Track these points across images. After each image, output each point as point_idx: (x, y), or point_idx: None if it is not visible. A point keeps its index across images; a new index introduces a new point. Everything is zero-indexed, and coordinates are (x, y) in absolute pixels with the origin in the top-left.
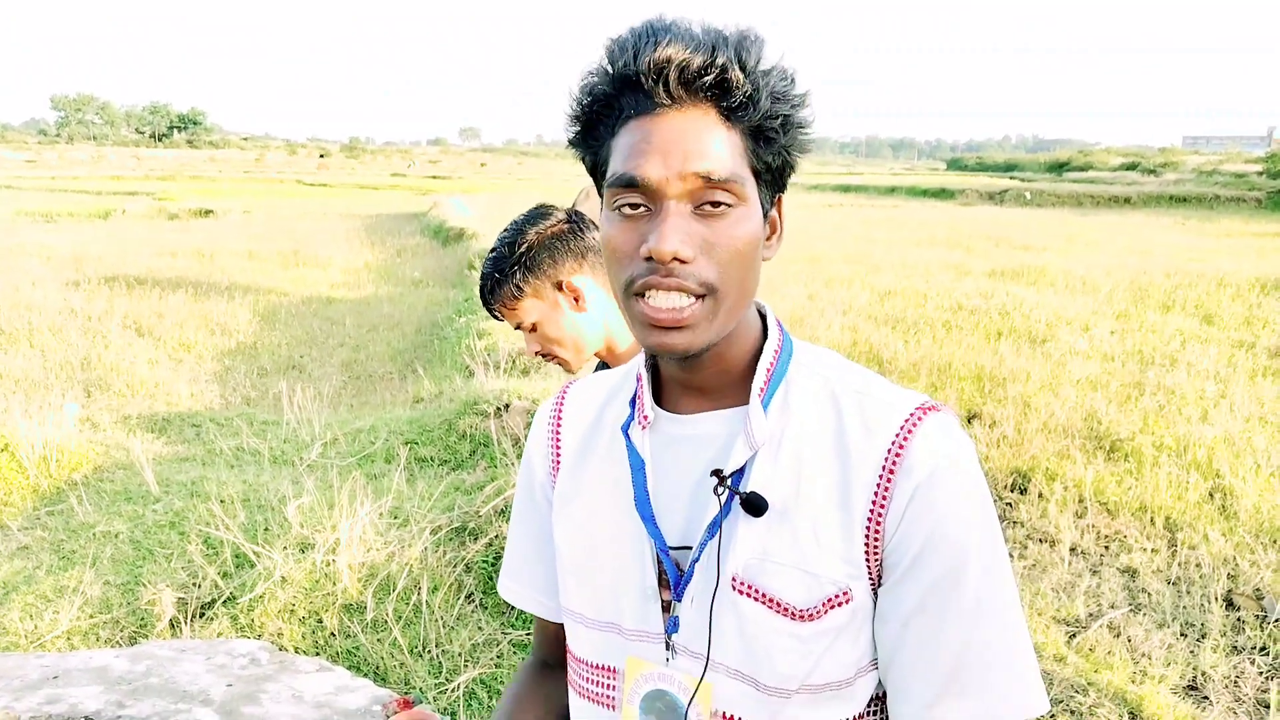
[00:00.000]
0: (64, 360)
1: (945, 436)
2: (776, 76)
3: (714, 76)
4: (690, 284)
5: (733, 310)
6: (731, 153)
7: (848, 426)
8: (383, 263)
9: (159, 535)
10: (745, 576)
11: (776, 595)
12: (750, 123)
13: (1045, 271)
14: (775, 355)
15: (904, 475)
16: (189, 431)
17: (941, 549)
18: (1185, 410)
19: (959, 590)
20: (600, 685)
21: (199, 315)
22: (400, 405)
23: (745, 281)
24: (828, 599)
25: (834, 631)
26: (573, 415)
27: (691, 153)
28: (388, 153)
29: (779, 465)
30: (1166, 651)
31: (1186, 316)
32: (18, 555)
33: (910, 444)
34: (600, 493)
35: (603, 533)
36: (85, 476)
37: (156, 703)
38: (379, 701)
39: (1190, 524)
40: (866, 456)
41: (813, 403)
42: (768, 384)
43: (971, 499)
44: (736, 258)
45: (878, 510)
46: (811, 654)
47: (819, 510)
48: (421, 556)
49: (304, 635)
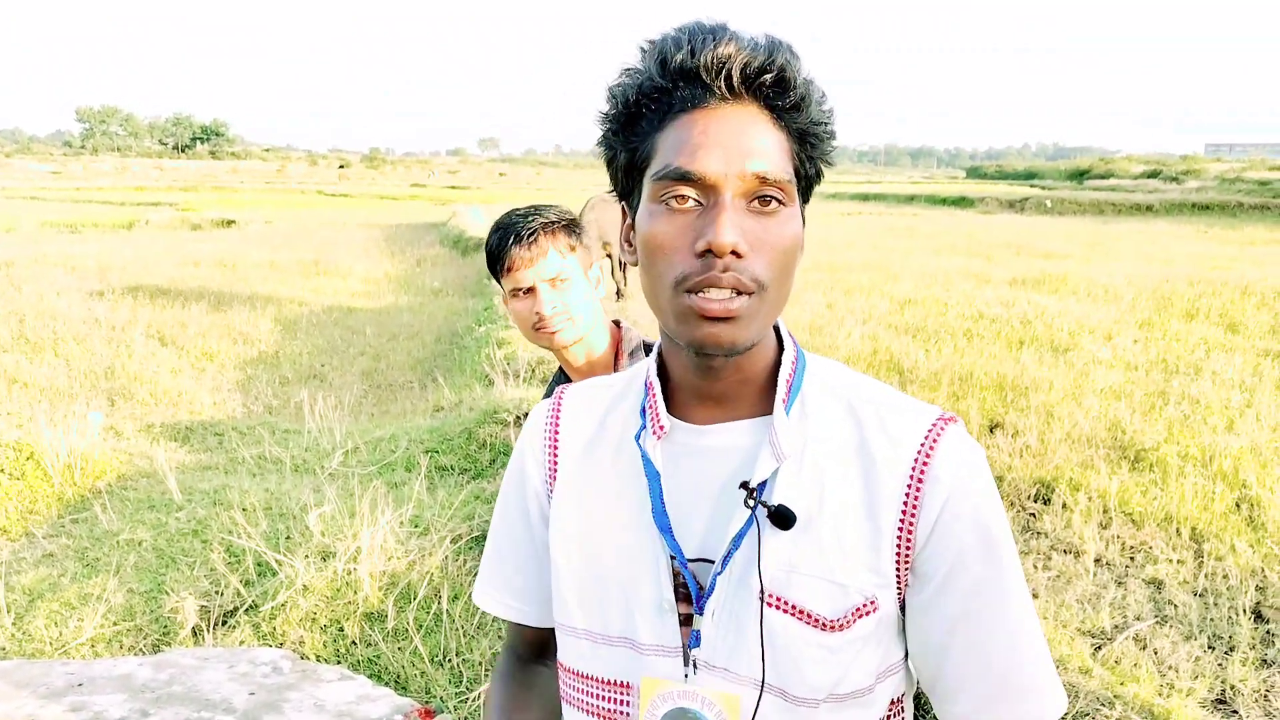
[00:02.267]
0: (88, 369)
1: (967, 446)
2: (817, 85)
3: (773, 76)
4: (745, 279)
5: (773, 309)
6: (782, 153)
7: (870, 437)
8: (403, 272)
9: (182, 543)
10: (773, 589)
11: (805, 606)
12: (798, 126)
13: (1067, 280)
14: (793, 366)
15: (932, 484)
16: (211, 440)
17: (978, 555)
18: (1210, 420)
19: (1002, 594)
20: (611, 702)
21: (221, 325)
22: (420, 414)
23: (788, 281)
24: (855, 608)
25: (861, 641)
26: (571, 421)
27: (751, 150)
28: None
29: (802, 477)
30: (1194, 664)
31: (1211, 325)
32: (43, 563)
33: (936, 454)
34: (607, 505)
35: (611, 546)
36: (109, 485)
37: (180, 710)
38: (400, 710)
39: (1217, 535)
40: (893, 467)
41: (830, 414)
42: (788, 395)
43: (996, 505)
44: (784, 256)
45: (908, 520)
46: (841, 664)
47: (843, 521)
48: (442, 565)
49: (325, 644)
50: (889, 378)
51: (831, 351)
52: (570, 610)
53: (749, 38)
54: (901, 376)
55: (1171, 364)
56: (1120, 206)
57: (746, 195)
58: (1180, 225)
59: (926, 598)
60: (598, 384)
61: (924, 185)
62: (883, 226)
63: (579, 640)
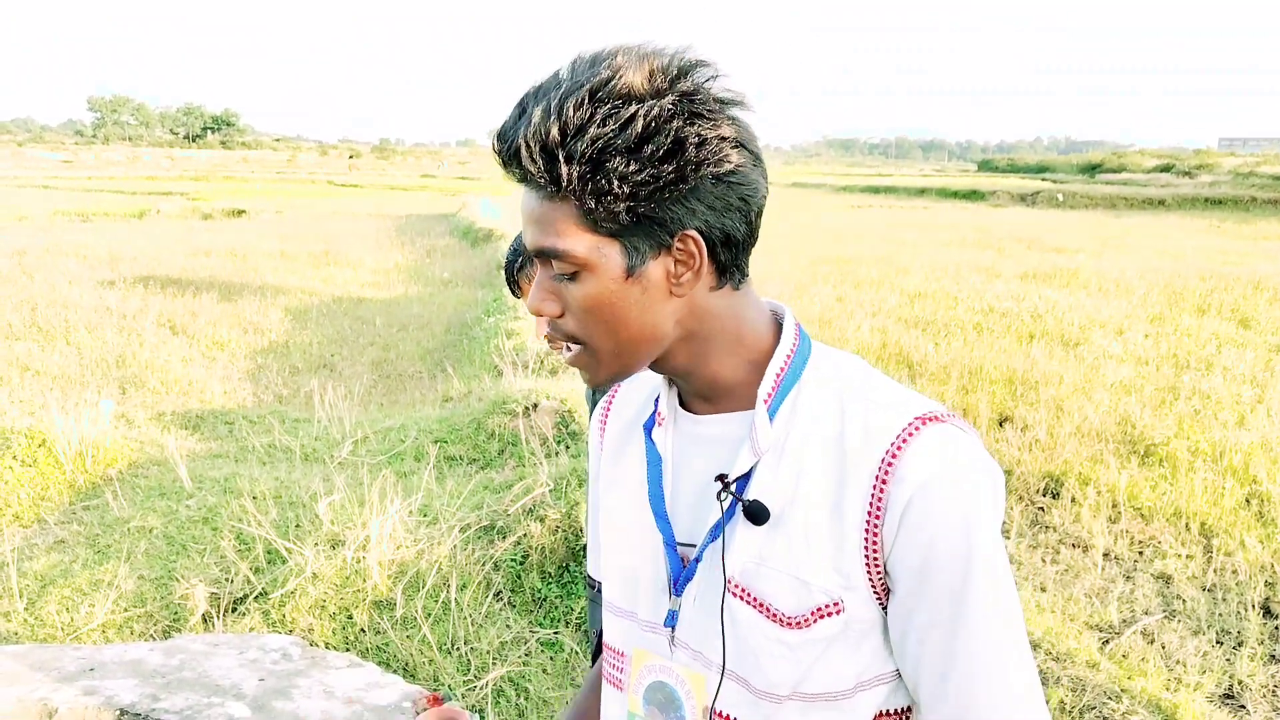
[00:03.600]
0: (100, 358)
1: (942, 446)
2: (595, 139)
3: (516, 167)
4: (560, 336)
5: (619, 356)
6: (561, 227)
7: (848, 433)
8: (412, 263)
9: (192, 531)
10: (741, 581)
11: (768, 601)
12: (574, 197)
13: (1078, 274)
14: (787, 360)
15: (896, 485)
16: (222, 429)
17: (945, 564)
18: (1221, 415)
19: (964, 611)
20: (614, 669)
21: (232, 314)
22: (430, 404)
23: (618, 334)
24: (817, 608)
25: (823, 642)
26: (618, 409)
27: (533, 231)
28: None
29: (780, 472)
30: (1202, 659)
31: (1222, 320)
32: (55, 549)
33: (904, 453)
34: (629, 486)
35: (627, 525)
36: (120, 472)
37: (190, 696)
38: (409, 698)
39: (1226, 530)
40: (862, 465)
41: (821, 409)
42: (776, 390)
43: (972, 513)
44: (590, 315)
45: (873, 520)
46: (801, 662)
47: (812, 518)
48: (450, 554)
49: (334, 631)
50: (898, 371)
51: (841, 345)
52: (604, 580)
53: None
54: (911, 370)
55: (1182, 359)
56: (1132, 201)
57: (549, 266)
58: (1192, 220)
59: (898, 603)
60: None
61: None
62: (893, 220)
63: (608, 611)
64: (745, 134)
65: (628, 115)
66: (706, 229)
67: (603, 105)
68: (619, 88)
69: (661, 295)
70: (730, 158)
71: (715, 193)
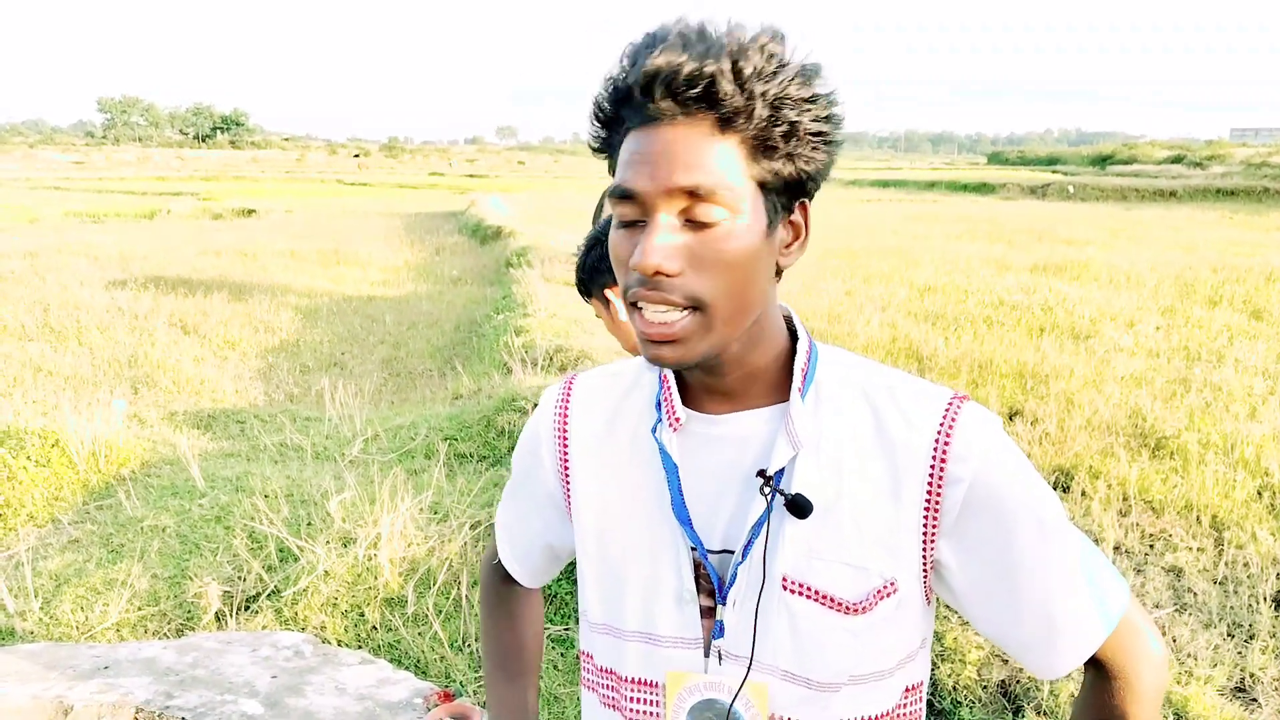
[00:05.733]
0: (112, 357)
1: (985, 421)
2: (781, 82)
3: (700, 88)
4: (676, 297)
5: (730, 322)
6: (724, 164)
7: (888, 422)
8: (422, 261)
9: (205, 529)
10: (795, 575)
11: (828, 591)
12: (748, 132)
13: (1089, 266)
14: (808, 355)
15: (957, 463)
16: (233, 427)
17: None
18: (1233, 407)
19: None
20: (642, 702)
21: (242, 313)
22: (440, 402)
23: (744, 293)
24: (877, 590)
25: (884, 623)
26: (581, 412)
27: (679, 166)
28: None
29: (820, 463)
30: (1213, 652)
31: (1234, 312)
32: (69, 548)
33: (956, 432)
34: (625, 499)
35: (630, 539)
36: (133, 471)
37: (204, 693)
38: (420, 694)
39: (1238, 523)
40: (914, 451)
41: (845, 402)
42: (804, 384)
43: (1021, 467)
44: (726, 270)
45: (934, 500)
46: (864, 645)
47: (864, 505)
48: (461, 551)
49: (346, 628)
50: (908, 365)
51: (850, 339)
52: (590, 603)
53: (691, 42)
54: (920, 364)
55: (1194, 351)
56: (1143, 192)
57: (681, 212)
58: (1204, 211)
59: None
60: (607, 372)
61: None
62: (903, 213)
63: (599, 634)
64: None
65: (796, 70)
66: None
67: (779, 58)
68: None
69: (773, 265)
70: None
71: (827, 174)
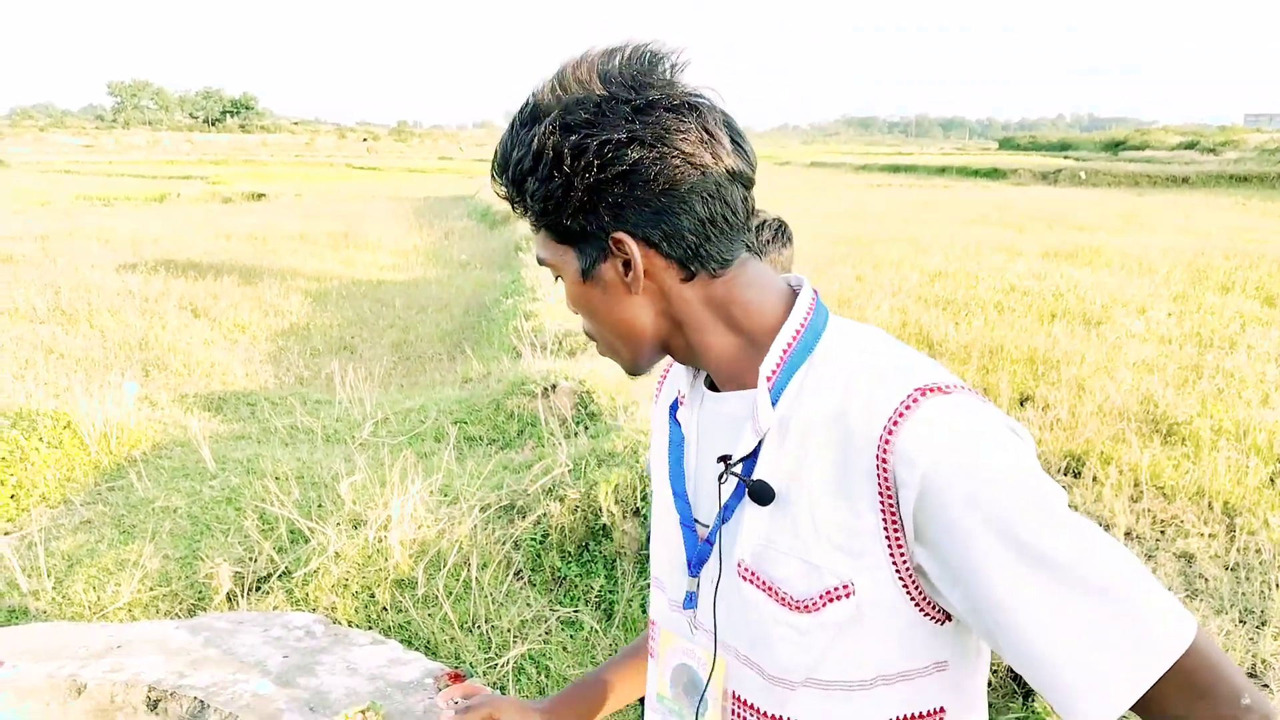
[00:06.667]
0: (123, 340)
1: (944, 418)
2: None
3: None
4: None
5: (613, 348)
6: (540, 240)
7: (850, 408)
8: (431, 245)
9: (216, 511)
10: (751, 563)
11: (777, 584)
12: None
13: (1100, 252)
14: (795, 336)
15: (901, 464)
16: (244, 410)
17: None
18: (1245, 394)
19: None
20: (653, 639)
21: (253, 297)
22: (449, 385)
23: (599, 327)
24: (826, 591)
25: (835, 626)
26: (665, 390)
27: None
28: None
29: (784, 450)
30: (1225, 638)
31: (1247, 298)
32: (81, 529)
33: (902, 428)
34: (660, 465)
35: (658, 503)
36: (144, 453)
37: (215, 672)
38: (431, 674)
39: (1250, 509)
40: (862, 442)
41: (828, 385)
42: (780, 366)
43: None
44: (578, 311)
45: (885, 500)
46: (813, 647)
47: (817, 498)
48: (471, 534)
49: (357, 609)
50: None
51: None
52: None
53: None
54: (931, 350)
55: (1206, 337)
56: (1156, 178)
57: None
58: (1217, 197)
59: (960, 590)
60: None
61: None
62: (913, 199)
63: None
64: (656, 130)
65: (529, 139)
66: (633, 229)
67: (520, 131)
68: (529, 113)
69: (621, 293)
70: (626, 158)
71: (620, 196)
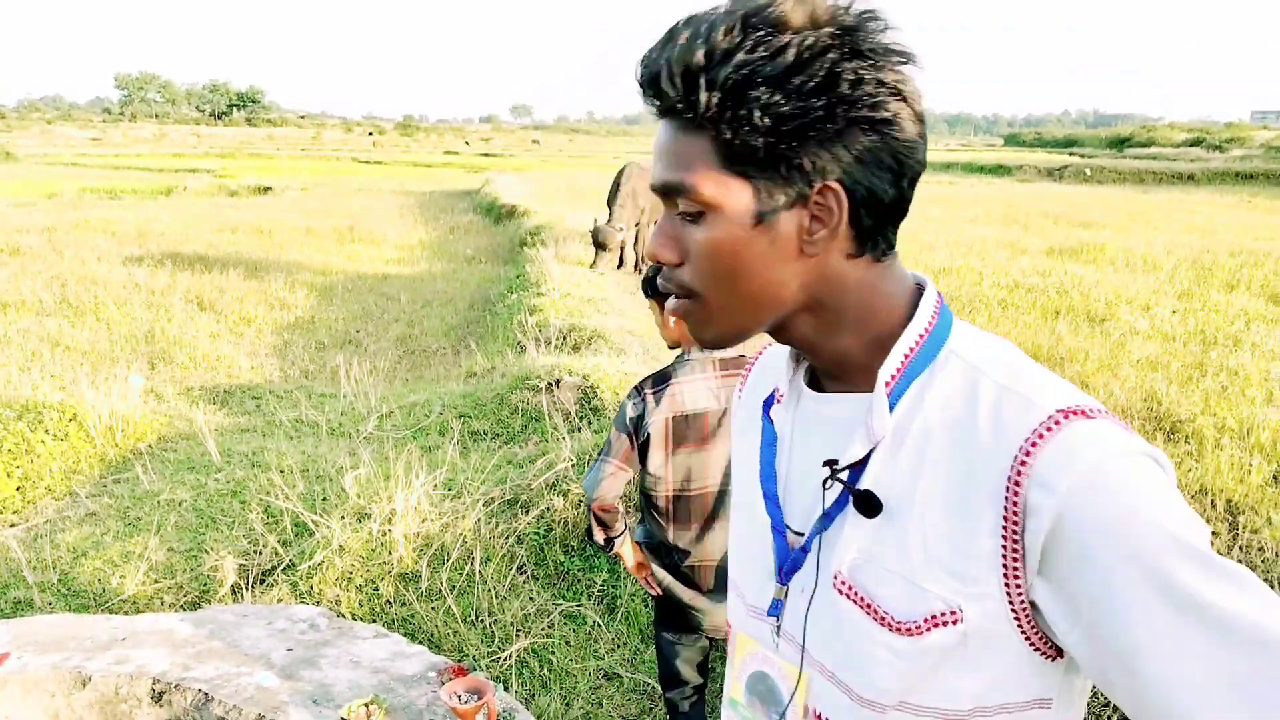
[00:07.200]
0: (129, 333)
1: (1089, 446)
2: (737, 66)
3: (654, 94)
4: (673, 285)
5: (728, 311)
6: (691, 162)
7: (979, 424)
8: (436, 239)
9: (221, 504)
10: (849, 577)
11: (876, 602)
12: (711, 127)
13: (1105, 249)
14: (919, 340)
15: (1036, 491)
16: (249, 403)
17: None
18: (1249, 392)
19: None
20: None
21: (258, 290)
22: (454, 380)
23: (735, 286)
24: (931, 615)
25: (937, 652)
26: (754, 380)
27: (660, 164)
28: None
29: (898, 461)
30: None
31: (1252, 296)
32: (86, 521)
33: (1040, 452)
34: (748, 464)
35: (742, 503)
36: (150, 446)
37: (220, 665)
38: (434, 668)
39: (1253, 507)
40: (992, 462)
41: (951, 396)
42: (902, 371)
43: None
44: (708, 264)
45: (1011, 528)
46: (910, 672)
47: (931, 516)
48: (475, 528)
49: (361, 602)
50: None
51: None
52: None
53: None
54: None
55: (1210, 335)
56: (1161, 175)
57: (673, 206)
58: (1223, 194)
59: (1084, 630)
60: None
61: (961, 153)
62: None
63: (729, 581)
64: (909, 89)
65: (779, 44)
66: (850, 183)
67: (754, 32)
68: (774, 15)
69: (790, 252)
70: (888, 105)
71: (866, 143)
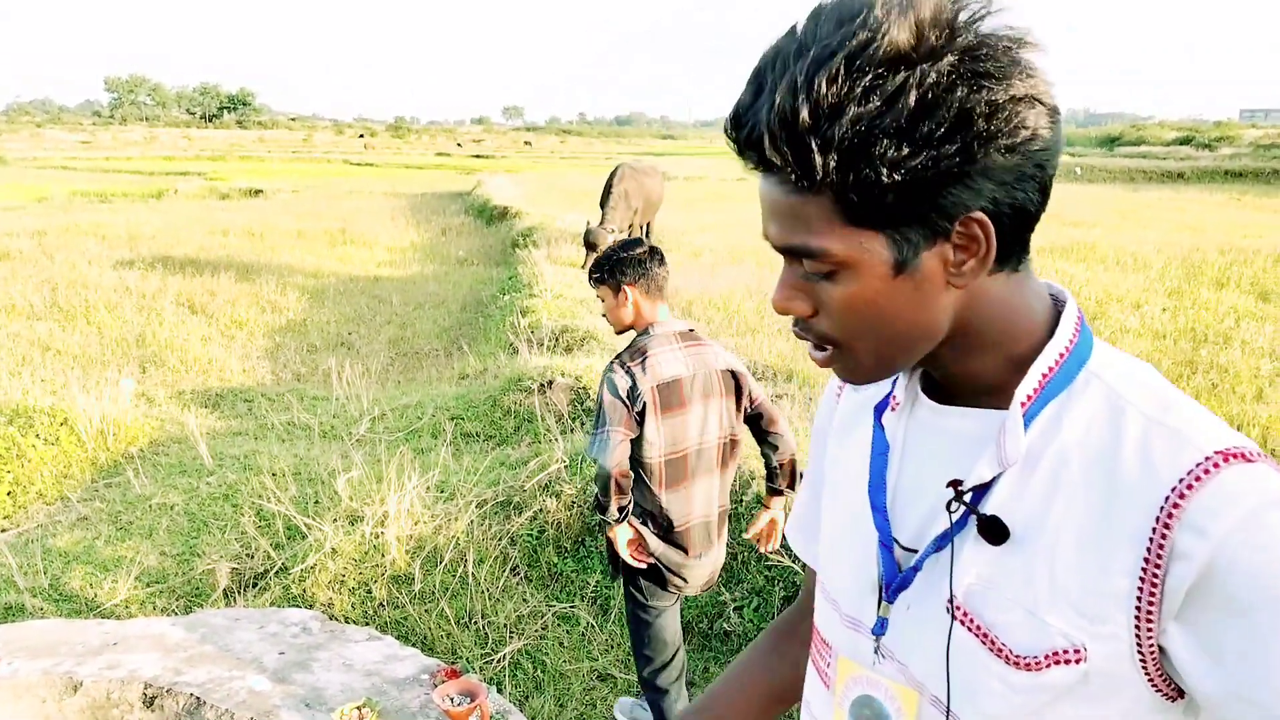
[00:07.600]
0: (120, 337)
1: (1252, 492)
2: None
3: (756, 155)
4: (811, 337)
5: (880, 355)
6: (812, 223)
7: (1125, 457)
8: (428, 241)
9: (213, 507)
10: (965, 604)
11: (995, 633)
12: (829, 190)
13: (1095, 248)
14: (1059, 359)
15: (1187, 535)
16: (241, 406)
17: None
18: (1239, 389)
19: None
20: (823, 660)
21: (250, 293)
22: (446, 382)
23: (881, 332)
24: (1054, 651)
25: (1055, 690)
26: None
27: (773, 223)
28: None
29: (1030, 487)
30: None
31: (1242, 293)
32: (78, 526)
33: (1197, 495)
34: (851, 470)
35: (843, 510)
36: (141, 450)
37: (212, 669)
38: (427, 670)
39: None
40: (1137, 499)
41: (1091, 423)
42: (1038, 392)
43: None
44: (849, 316)
45: (1152, 570)
46: (1025, 707)
47: (1062, 549)
48: (467, 530)
49: (353, 605)
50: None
51: None
52: (819, 556)
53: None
54: None
55: (1200, 333)
56: (1151, 174)
57: (798, 264)
58: (1212, 193)
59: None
60: None
61: None
62: None
63: (819, 588)
64: (1040, 86)
65: (896, 86)
66: (995, 208)
67: (863, 75)
68: (883, 51)
69: (937, 289)
70: (1027, 121)
71: (1007, 164)
